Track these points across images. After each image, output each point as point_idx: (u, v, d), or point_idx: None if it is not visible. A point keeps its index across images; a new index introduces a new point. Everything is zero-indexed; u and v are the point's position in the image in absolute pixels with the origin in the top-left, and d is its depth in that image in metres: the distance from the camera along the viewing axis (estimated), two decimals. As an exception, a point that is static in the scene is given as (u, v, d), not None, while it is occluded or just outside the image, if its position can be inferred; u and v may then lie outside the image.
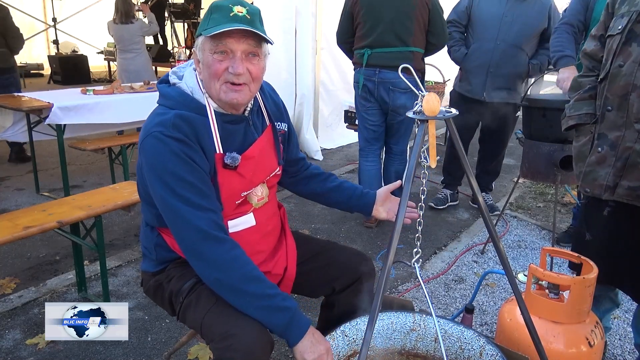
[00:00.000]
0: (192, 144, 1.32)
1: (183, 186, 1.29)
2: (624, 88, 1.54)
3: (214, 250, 1.30)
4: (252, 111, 1.48)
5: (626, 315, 2.52)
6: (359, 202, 1.70)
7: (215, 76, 1.33)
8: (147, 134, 1.33)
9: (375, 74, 3.34)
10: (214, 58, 1.32)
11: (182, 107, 1.36)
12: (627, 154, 1.54)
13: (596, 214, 1.68)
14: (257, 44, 1.34)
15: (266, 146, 1.50)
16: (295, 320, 1.31)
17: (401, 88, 3.30)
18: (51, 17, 10.73)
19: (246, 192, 1.45)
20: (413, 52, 3.27)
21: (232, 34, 1.29)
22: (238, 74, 1.31)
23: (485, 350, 1.45)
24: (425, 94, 1.15)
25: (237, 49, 1.31)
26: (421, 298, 2.64)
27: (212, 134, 1.36)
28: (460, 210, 4.02)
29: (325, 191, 1.73)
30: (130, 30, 5.43)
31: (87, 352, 2.17)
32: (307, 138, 5.38)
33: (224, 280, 1.30)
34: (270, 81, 1.65)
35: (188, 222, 1.29)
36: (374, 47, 3.30)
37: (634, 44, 1.52)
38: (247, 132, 1.45)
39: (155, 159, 1.30)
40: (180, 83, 1.42)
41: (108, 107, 3.96)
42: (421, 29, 3.26)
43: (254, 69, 1.35)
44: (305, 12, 5.12)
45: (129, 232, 3.48)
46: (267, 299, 1.30)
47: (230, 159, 1.37)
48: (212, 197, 1.34)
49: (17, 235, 2.07)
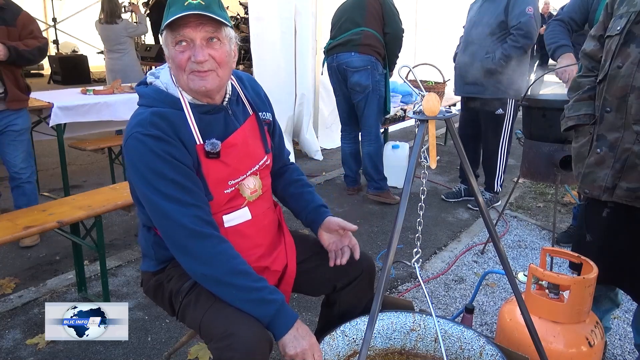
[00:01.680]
0: (170, 140, 1.32)
1: (165, 184, 1.30)
2: (622, 89, 1.53)
3: (199, 246, 1.31)
4: (231, 101, 1.48)
5: (626, 315, 2.52)
6: (308, 217, 1.65)
7: (180, 68, 1.33)
8: (127, 135, 1.34)
9: (333, 60, 3.82)
10: (176, 50, 1.32)
11: (158, 103, 1.37)
12: (626, 155, 1.54)
13: (596, 215, 1.68)
14: (215, 29, 1.32)
15: (250, 135, 1.49)
16: (282, 314, 1.31)
17: (353, 67, 3.71)
18: (51, 17, 10.74)
19: (234, 181, 1.44)
20: (363, 30, 3.66)
21: (189, 23, 1.29)
22: (200, 62, 1.31)
23: (485, 350, 1.45)
24: (426, 94, 1.15)
25: (195, 37, 1.31)
26: (421, 298, 2.64)
27: (189, 126, 1.37)
28: (460, 210, 4.02)
29: (285, 195, 1.72)
30: (115, 31, 5.40)
31: (87, 352, 2.17)
32: (307, 138, 5.38)
33: (210, 275, 1.32)
34: (270, 81, 1.66)
35: (172, 220, 1.30)
36: (335, 37, 3.84)
37: (633, 45, 1.52)
38: (227, 121, 1.45)
39: (137, 160, 1.32)
40: (156, 81, 1.43)
41: (108, 107, 3.96)
42: (375, 18, 3.68)
43: (217, 54, 1.33)
44: (305, 12, 5.12)
45: (129, 232, 3.48)
46: (255, 292, 1.31)
47: (210, 145, 1.37)
48: (196, 192, 1.35)
49: (17, 235, 2.07)
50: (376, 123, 3.92)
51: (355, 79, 3.74)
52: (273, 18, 5.01)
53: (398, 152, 4.38)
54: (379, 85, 3.80)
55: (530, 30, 3.42)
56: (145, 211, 1.42)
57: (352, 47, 3.70)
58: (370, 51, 3.71)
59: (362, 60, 3.70)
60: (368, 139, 3.92)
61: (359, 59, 3.70)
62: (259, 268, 1.44)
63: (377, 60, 3.76)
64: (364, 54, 3.70)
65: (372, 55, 3.72)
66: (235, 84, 1.52)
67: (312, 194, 1.69)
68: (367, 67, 3.71)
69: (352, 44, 3.70)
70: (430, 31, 7.41)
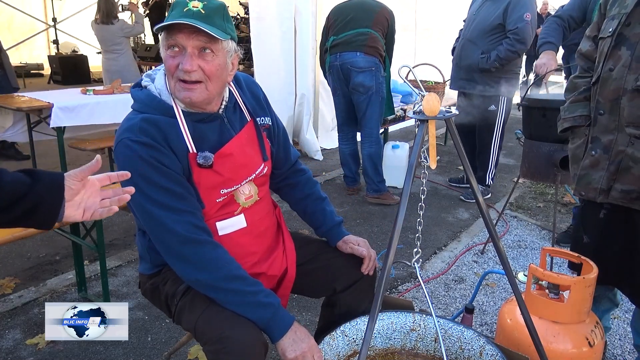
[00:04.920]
0: (160, 147, 1.30)
1: (157, 191, 1.29)
2: (614, 92, 1.53)
3: (193, 252, 1.30)
4: (228, 108, 1.44)
5: (626, 315, 2.52)
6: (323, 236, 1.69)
7: (169, 73, 1.31)
8: (117, 141, 1.32)
9: (337, 58, 3.76)
10: (167, 54, 1.30)
11: (150, 110, 1.35)
12: (620, 157, 1.54)
13: (592, 216, 1.68)
14: (209, 40, 1.27)
15: (246, 143, 1.46)
16: (278, 317, 1.31)
17: (358, 67, 3.67)
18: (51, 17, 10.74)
19: (227, 190, 1.41)
20: (370, 32, 3.65)
21: (183, 29, 1.25)
22: (186, 71, 1.27)
23: (485, 350, 1.45)
24: (426, 94, 1.15)
25: (187, 45, 1.27)
26: (421, 298, 2.64)
27: (182, 134, 1.34)
28: (461, 210, 4.02)
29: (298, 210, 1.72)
30: (110, 31, 5.37)
31: (87, 352, 2.17)
32: (307, 138, 5.37)
33: (204, 281, 1.31)
34: (270, 81, 1.65)
35: (165, 227, 1.29)
36: (337, 34, 3.77)
37: (623, 48, 1.51)
38: (222, 130, 1.42)
39: (126, 166, 1.29)
40: (151, 85, 1.40)
41: (108, 107, 3.96)
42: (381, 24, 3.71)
43: (207, 66, 1.28)
44: (305, 12, 5.12)
45: (129, 232, 3.48)
46: (250, 296, 1.31)
47: (203, 158, 1.34)
48: (188, 198, 1.33)
49: (17, 235, 2.07)
50: (377, 125, 3.92)
51: (359, 80, 3.71)
52: (273, 18, 5.01)
53: (398, 152, 4.38)
54: (382, 87, 3.80)
55: (526, 36, 3.58)
56: None
57: (357, 47, 3.68)
58: (374, 53, 3.70)
59: (367, 61, 3.69)
60: (369, 140, 3.90)
61: (364, 59, 3.68)
62: (254, 275, 1.43)
63: (380, 62, 3.76)
64: (369, 55, 3.68)
65: (376, 57, 3.72)
66: (233, 90, 1.48)
67: (323, 212, 1.67)
68: (371, 68, 3.70)
69: (358, 43, 3.68)
70: (430, 31, 7.42)
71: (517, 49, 3.61)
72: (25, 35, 10.65)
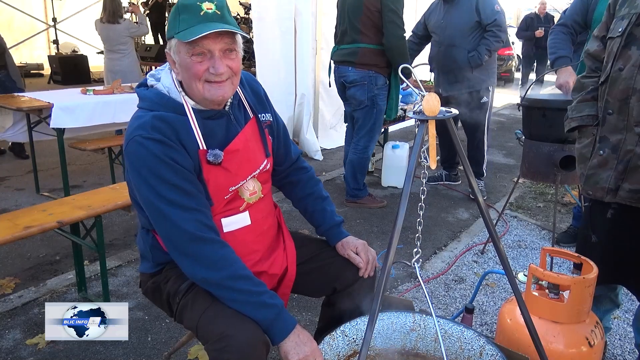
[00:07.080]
0: (172, 144, 1.31)
1: (168, 188, 1.30)
2: (624, 92, 1.53)
3: (201, 251, 1.31)
4: (233, 105, 1.47)
5: (626, 315, 2.52)
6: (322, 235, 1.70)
7: (196, 77, 1.33)
8: (128, 138, 1.33)
9: (337, 69, 3.85)
10: (193, 60, 1.31)
11: (160, 107, 1.36)
12: (629, 157, 1.54)
13: (600, 216, 1.68)
14: (232, 40, 1.34)
15: (251, 139, 1.49)
16: (281, 319, 1.31)
17: (349, 81, 3.73)
18: (51, 17, 10.75)
19: (234, 187, 1.44)
20: (359, 48, 3.63)
21: (208, 34, 1.28)
22: (219, 74, 1.32)
23: (485, 350, 1.45)
24: (426, 94, 1.15)
25: (214, 49, 1.31)
26: (421, 298, 2.64)
27: (192, 131, 1.36)
28: (461, 210, 4.02)
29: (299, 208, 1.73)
30: (116, 31, 5.35)
31: (87, 352, 2.17)
32: (307, 138, 5.37)
33: (211, 279, 1.32)
34: (270, 81, 1.65)
35: (174, 224, 1.30)
36: (338, 45, 3.84)
37: (634, 47, 1.51)
38: (229, 126, 1.44)
39: (139, 163, 1.31)
40: (158, 84, 1.42)
41: (108, 107, 3.96)
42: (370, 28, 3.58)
43: (234, 64, 1.35)
44: (305, 12, 5.12)
45: (129, 232, 3.48)
46: (255, 296, 1.31)
47: (213, 156, 1.37)
48: (198, 196, 1.34)
49: (17, 235, 2.07)
50: (367, 135, 3.83)
51: (351, 93, 3.75)
52: (273, 18, 5.01)
53: (398, 152, 4.38)
54: (377, 99, 3.69)
55: (504, 25, 3.88)
56: (145, 213, 1.41)
57: (349, 62, 3.69)
58: (367, 67, 3.63)
59: (357, 75, 3.66)
60: (355, 148, 3.88)
61: (355, 73, 3.66)
62: (255, 273, 1.43)
63: (377, 72, 3.65)
64: (360, 69, 3.64)
65: (370, 69, 3.63)
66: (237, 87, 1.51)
67: (324, 212, 1.68)
68: (363, 82, 3.64)
69: (350, 59, 3.67)
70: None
71: (501, 38, 3.87)
72: (26, 35, 10.66)
